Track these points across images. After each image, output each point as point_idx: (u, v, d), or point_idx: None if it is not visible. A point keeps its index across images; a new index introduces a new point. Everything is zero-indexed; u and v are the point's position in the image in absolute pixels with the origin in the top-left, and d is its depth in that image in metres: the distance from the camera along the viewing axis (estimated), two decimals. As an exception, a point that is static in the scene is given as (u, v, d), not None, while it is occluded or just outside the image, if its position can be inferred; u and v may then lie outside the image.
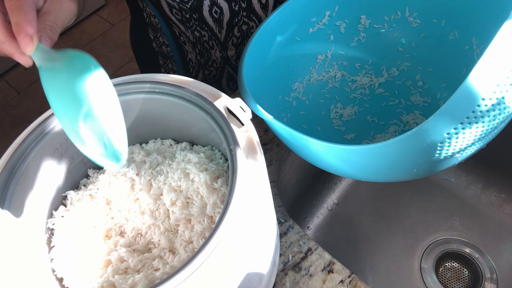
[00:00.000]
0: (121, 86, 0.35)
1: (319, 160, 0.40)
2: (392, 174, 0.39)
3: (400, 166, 0.36)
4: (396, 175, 0.39)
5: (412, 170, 0.36)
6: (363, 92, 0.56)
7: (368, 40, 0.56)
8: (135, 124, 0.40)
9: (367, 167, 0.38)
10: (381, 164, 0.36)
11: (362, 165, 0.38)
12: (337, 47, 0.56)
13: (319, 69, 0.57)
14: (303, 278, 0.43)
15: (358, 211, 0.69)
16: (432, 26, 0.50)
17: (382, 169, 0.37)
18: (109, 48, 1.80)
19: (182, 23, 0.57)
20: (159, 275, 0.32)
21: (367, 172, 0.39)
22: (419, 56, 0.54)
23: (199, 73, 0.66)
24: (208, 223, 0.34)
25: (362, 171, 0.39)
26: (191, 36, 0.59)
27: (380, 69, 0.56)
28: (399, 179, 0.41)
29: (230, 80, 0.68)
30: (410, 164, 0.35)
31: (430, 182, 0.70)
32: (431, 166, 0.36)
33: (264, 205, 0.32)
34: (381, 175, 0.39)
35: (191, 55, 0.63)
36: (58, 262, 0.35)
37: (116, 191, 0.38)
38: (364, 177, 0.41)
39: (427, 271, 0.62)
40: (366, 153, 0.35)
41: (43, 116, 0.35)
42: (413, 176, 0.39)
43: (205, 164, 0.37)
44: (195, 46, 0.61)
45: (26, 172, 0.33)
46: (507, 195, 0.67)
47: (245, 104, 0.33)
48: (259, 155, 0.32)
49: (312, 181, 0.67)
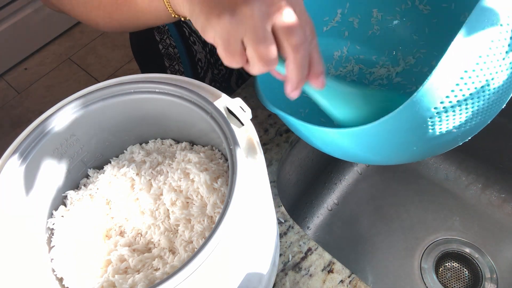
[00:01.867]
0: (121, 86, 0.35)
1: (331, 147, 0.41)
2: (395, 153, 0.39)
3: (399, 144, 0.37)
4: (399, 154, 0.39)
5: (412, 148, 0.37)
6: (381, 82, 0.57)
7: (383, 32, 0.56)
8: (135, 124, 0.40)
9: (375, 148, 0.38)
10: (384, 143, 0.37)
11: (369, 145, 0.38)
12: (353, 42, 0.57)
13: (337, 65, 0.57)
14: (303, 278, 0.43)
15: (358, 211, 0.69)
16: (443, 11, 0.51)
17: (385, 148, 0.38)
18: (109, 48, 1.80)
19: None
20: (159, 275, 0.32)
21: (376, 153, 0.40)
22: (434, 42, 0.54)
23: (207, 73, 0.66)
24: (208, 223, 0.34)
25: (371, 152, 0.40)
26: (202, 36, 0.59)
27: (397, 59, 0.56)
28: (402, 158, 0.41)
29: (239, 79, 0.68)
30: (408, 142, 0.36)
31: (430, 182, 0.70)
32: (430, 144, 0.36)
33: (264, 205, 0.32)
34: (386, 154, 0.40)
35: (200, 54, 0.62)
36: (58, 262, 0.35)
37: (116, 191, 0.38)
38: (373, 158, 0.42)
39: (427, 271, 0.62)
40: (369, 132, 0.35)
41: (43, 116, 0.35)
42: (415, 156, 0.39)
43: (205, 164, 0.37)
44: (206, 45, 0.61)
45: (26, 172, 0.33)
46: (507, 195, 0.67)
47: (245, 104, 0.33)
48: (259, 155, 0.32)
49: (312, 181, 0.67)
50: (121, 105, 0.37)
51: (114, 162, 0.40)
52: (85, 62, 1.77)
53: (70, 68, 1.76)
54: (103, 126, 0.38)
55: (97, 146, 0.40)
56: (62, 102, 0.36)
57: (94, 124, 0.37)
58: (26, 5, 1.69)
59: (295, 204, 0.64)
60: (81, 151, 0.39)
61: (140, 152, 0.41)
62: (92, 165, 0.41)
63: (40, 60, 1.80)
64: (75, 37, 1.87)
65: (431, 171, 0.71)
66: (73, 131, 0.36)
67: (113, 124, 0.39)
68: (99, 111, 0.36)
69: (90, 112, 0.36)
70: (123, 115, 0.38)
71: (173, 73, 0.67)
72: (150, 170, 0.39)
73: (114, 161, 0.41)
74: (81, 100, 0.35)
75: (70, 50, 1.82)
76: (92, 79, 1.70)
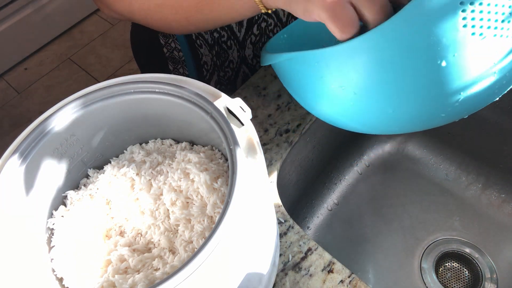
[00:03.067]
0: (121, 86, 0.36)
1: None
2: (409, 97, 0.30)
3: (414, 76, 0.28)
4: (416, 99, 0.30)
5: (432, 94, 0.28)
6: None
7: None
8: (135, 124, 0.40)
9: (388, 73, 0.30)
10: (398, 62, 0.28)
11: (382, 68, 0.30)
12: None
13: None
14: (303, 278, 0.43)
15: (358, 211, 0.69)
16: None
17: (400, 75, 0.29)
18: (109, 48, 1.80)
19: None
20: (159, 275, 0.32)
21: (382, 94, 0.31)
22: None
23: (213, 76, 0.66)
24: (208, 223, 0.34)
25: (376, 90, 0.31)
26: (209, 38, 0.59)
27: None
28: (423, 108, 0.31)
29: (245, 80, 0.68)
30: (428, 72, 0.28)
31: (430, 182, 0.70)
32: (463, 85, 0.28)
33: (264, 205, 0.32)
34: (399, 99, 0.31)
35: (206, 57, 0.62)
36: (58, 262, 0.35)
37: (116, 191, 0.38)
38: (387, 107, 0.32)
39: (427, 271, 0.62)
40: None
41: (43, 116, 0.35)
42: (442, 100, 0.30)
43: (205, 164, 0.37)
44: (212, 48, 0.61)
45: (26, 172, 0.33)
46: (507, 195, 0.67)
47: (245, 104, 0.33)
48: (259, 155, 0.32)
49: (312, 181, 0.67)
50: (121, 105, 0.37)
51: (114, 162, 0.40)
52: (85, 62, 1.77)
53: (70, 68, 1.76)
54: (103, 126, 0.38)
55: (97, 146, 0.40)
56: (62, 102, 0.36)
57: (94, 124, 0.37)
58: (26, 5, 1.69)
59: (295, 204, 0.64)
60: (81, 151, 0.39)
61: (140, 152, 0.41)
62: (92, 165, 0.41)
63: (40, 60, 1.80)
64: (75, 37, 1.87)
65: (431, 171, 0.71)
66: (73, 131, 0.36)
67: (113, 124, 0.39)
68: (99, 111, 0.36)
69: (90, 112, 0.36)
70: (123, 115, 0.38)
71: None
72: (150, 170, 0.39)
73: (114, 161, 0.41)
74: (81, 100, 0.35)
75: (70, 50, 1.82)
76: (92, 79, 1.70)
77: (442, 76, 0.28)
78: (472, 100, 0.30)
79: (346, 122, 0.37)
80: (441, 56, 0.27)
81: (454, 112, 0.31)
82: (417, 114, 0.31)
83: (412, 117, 0.32)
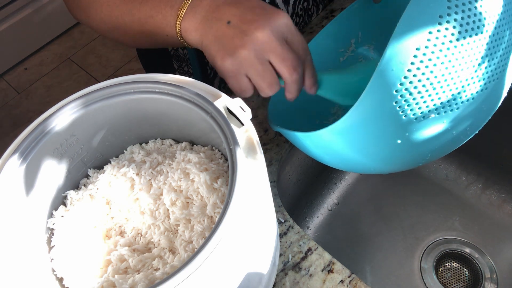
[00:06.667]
0: (121, 86, 0.36)
1: (313, 153, 0.43)
2: (382, 150, 0.38)
3: (380, 137, 0.36)
4: (386, 151, 0.38)
5: (395, 142, 0.36)
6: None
7: None
8: (135, 124, 0.40)
9: (360, 143, 0.37)
10: (365, 135, 0.36)
11: (354, 141, 0.37)
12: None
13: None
14: (303, 278, 0.43)
15: (358, 211, 0.69)
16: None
17: (369, 143, 0.37)
18: (109, 48, 1.80)
19: None
20: (159, 275, 0.32)
21: (364, 152, 0.38)
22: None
23: (217, 74, 0.65)
24: (208, 223, 0.34)
25: (359, 151, 0.38)
26: None
27: None
28: (392, 158, 0.39)
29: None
30: (390, 134, 0.35)
31: (430, 182, 0.70)
32: (411, 132, 0.35)
33: (264, 205, 0.32)
34: (375, 152, 0.38)
35: None
36: (58, 262, 0.35)
37: (116, 191, 0.38)
38: (365, 161, 0.40)
39: (427, 271, 0.62)
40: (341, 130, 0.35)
41: (43, 116, 0.35)
42: (405, 155, 0.38)
43: (205, 164, 0.37)
44: None
45: (26, 172, 0.33)
46: (507, 195, 0.67)
47: (245, 104, 0.33)
48: (259, 155, 0.32)
49: (312, 181, 0.67)
50: (121, 105, 0.37)
51: (114, 162, 0.40)
52: (85, 62, 1.77)
53: (70, 68, 1.76)
54: (103, 126, 0.38)
55: (97, 146, 0.40)
56: (62, 102, 0.36)
57: (94, 124, 0.37)
58: (26, 5, 1.69)
59: (295, 204, 0.64)
60: (81, 151, 0.39)
61: (140, 152, 0.41)
62: (92, 165, 0.41)
63: (40, 60, 1.80)
64: (75, 37, 1.87)
65: (431, 171, 0.71)
66: (73, 131, 0.36)
67: (113, 124, 0.39)
68: (99, 111, 0.36)
69: (90, 112, 0.36)
70: (123, 115, 0.38)
71: (182, 74, 0.67)
72: (150, 170, 0.39)
73: (114, 161, 0.41)
74: (81, 100, 0.35)
75: (70, 50, 1.82)
76: (92, 79, 1.70)
77: (404, 149, 0.36)
78: (442, 150, 0.38)
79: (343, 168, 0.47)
80: (394, 138, 0.35)
81: (433, 158, 0.39)
82: (402, 167, 0.41)
83: (399, 168, 0.41)
